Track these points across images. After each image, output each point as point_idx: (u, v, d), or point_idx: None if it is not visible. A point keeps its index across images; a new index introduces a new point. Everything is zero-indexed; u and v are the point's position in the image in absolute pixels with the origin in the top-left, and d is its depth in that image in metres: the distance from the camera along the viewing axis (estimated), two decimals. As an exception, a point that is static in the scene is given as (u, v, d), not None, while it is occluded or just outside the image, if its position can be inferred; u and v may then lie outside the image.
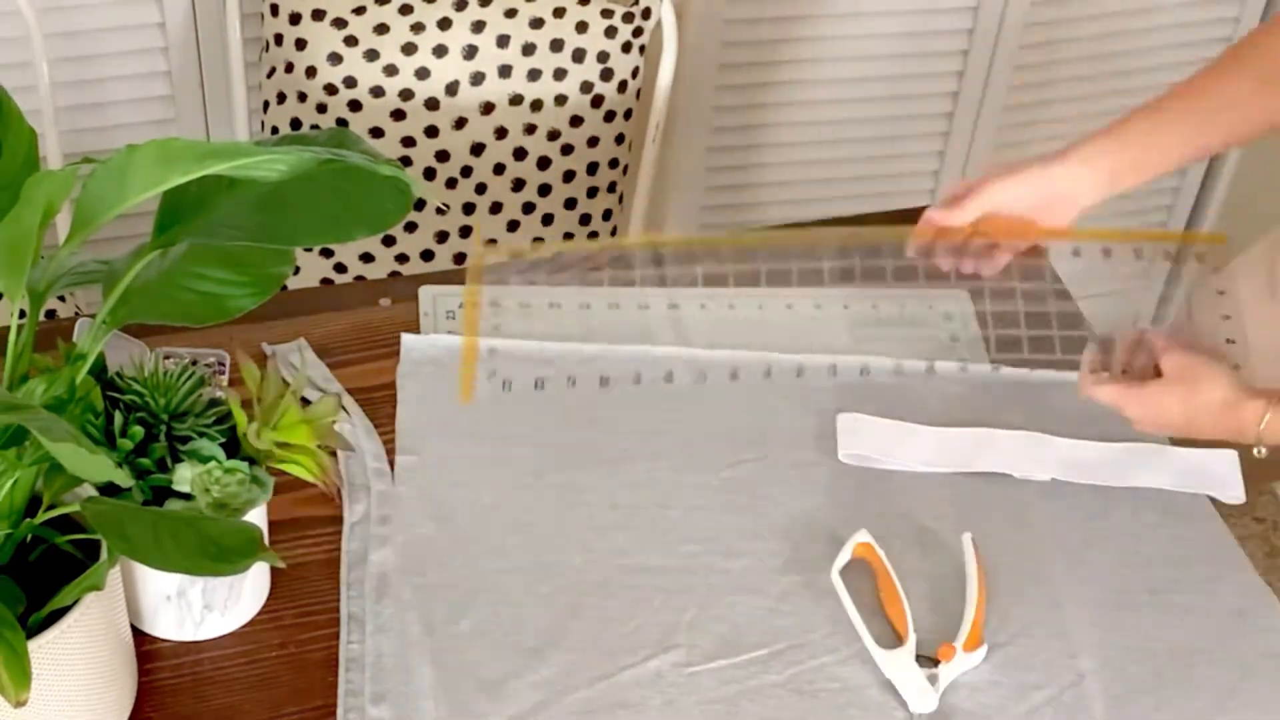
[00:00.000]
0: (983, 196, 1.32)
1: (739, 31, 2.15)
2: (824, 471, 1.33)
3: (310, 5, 1.77)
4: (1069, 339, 1.45)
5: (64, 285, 1.05)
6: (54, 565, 1.04)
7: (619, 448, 1.33)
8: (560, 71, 1.82)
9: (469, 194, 1.86)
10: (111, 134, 2.01)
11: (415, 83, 1.79)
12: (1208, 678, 1.20)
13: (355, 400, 1.35)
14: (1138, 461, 1.35)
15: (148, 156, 0.91)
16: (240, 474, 1.07)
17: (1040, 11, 2.24)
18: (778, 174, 2.32)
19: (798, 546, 1.27)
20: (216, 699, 1.13)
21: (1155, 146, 1.32)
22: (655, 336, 1.44)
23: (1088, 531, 1.31)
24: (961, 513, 1.31)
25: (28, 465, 0.98)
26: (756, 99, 2.23)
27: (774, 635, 1.20)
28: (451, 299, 1.45)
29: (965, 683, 1.18)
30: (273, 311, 1.27)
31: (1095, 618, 1.24)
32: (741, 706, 1.15)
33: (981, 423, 1.38)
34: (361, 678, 1.14)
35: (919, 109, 2.31)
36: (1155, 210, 2.58)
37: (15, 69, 1.82)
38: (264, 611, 1.19)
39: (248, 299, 1.07)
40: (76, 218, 0.94)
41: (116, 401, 1.07)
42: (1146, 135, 1.32)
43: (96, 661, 1.04)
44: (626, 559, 1.25)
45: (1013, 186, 1.32)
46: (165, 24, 1.95)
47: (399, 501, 1.27)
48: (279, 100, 1.83)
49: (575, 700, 1.14)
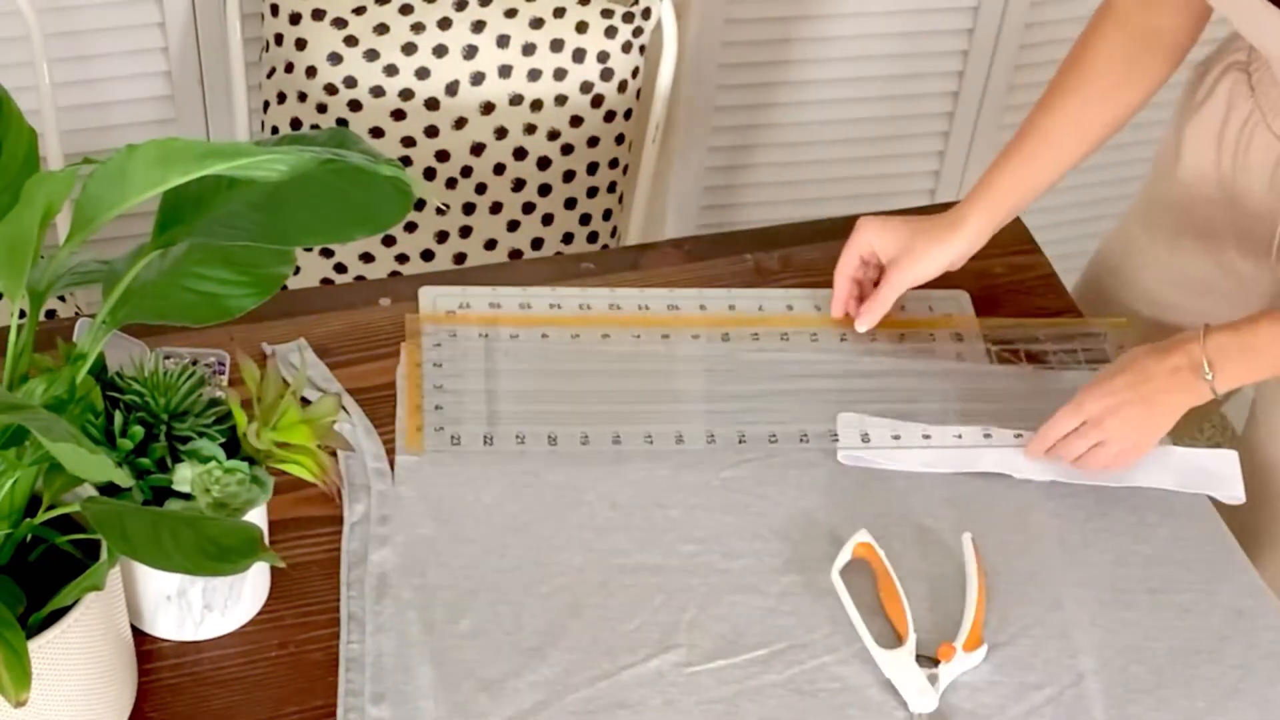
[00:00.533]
0: (895, 286, 1.43)
1: (739, 31, 2.15)
2: (824, 471, 1.33)
3: (310, 5, 1.77)
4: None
5: (64, 285, 1.05)
6: (54, 565, 1.04)
7: (619, 450, 1.33)
8: (560, 71, 1.82)
9: (469, 194, 1.86)
10: (111, 134, 2.01)
11: (415, 83, 1.79)
12: (1208, 678, 1.20)
13: (355, 400, 1.35)
14: (1138, 462, 1.35)
15: (148, 156, 0.91)
16: (240, 474, 1.07)
17: (1040, 11, 2.23)
18: (778, 174, 2.32)
19: (798, 546, 1.27)
20: (216, 699, 1.13)
21: (1027, 188, 1.42)
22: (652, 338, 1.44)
23: (1088, 531, 1.31)
24: (961, 513, 1.31)
25: (28, 465, 0.98)
26: (756, 99, 2.23)
27: (774, 635, 1.20)
28: (451, 299, 1.45)
29: (965, 683, 1.18)
30: (273, 311, 1.27)
31: (1095, 618, 1.24)
32: (741, 706, 1.15)
33: (981, 422, 1.38)
34: (361, 678, 1.14)
35: (919, 109, 2.31)
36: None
37: (15, 69, 1.81)
38: (264, 611, 1.19)
39: (248, 299, 1.07)
40: (76, 218, 0.94)
41: (116, 401, 1.07)
42: (1020, 182, 1.42)
43: (96, 661, 1.04)
44: (626, 559, 1.25)
45: (919, 268, 1.42)
46: (165, 24, 1.95)
47: (399, 501, 1.27)
48: (279, 100, 1.83)
49: (575, 700, 1.14)
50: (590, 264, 1.53)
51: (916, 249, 1.42)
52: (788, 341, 1.44)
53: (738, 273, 1.52)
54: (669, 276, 1.51)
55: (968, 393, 1.41)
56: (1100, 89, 1.40)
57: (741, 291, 1.49)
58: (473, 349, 1.40)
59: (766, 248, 1.55)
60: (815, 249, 1.54)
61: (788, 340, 1.44)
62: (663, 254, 1.56)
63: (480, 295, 1.46)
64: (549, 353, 1.41)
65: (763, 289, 1.50)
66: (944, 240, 1.42)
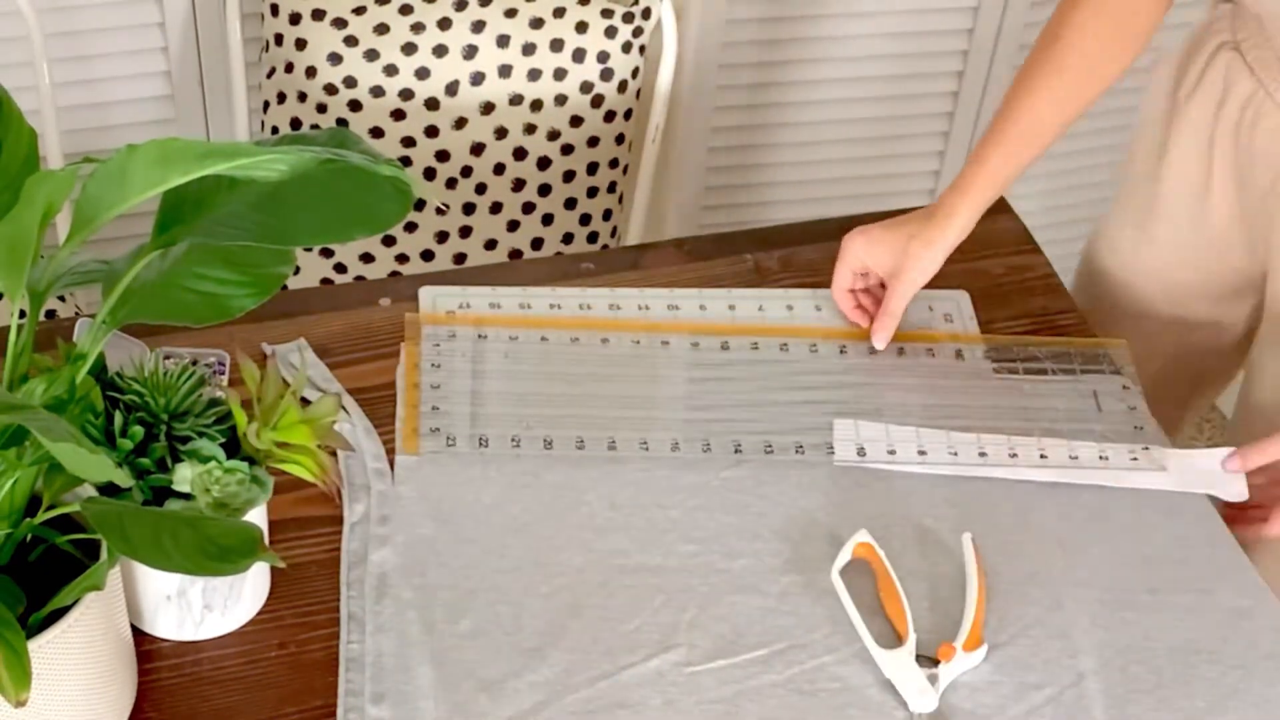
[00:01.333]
0: (901, 297, 1.43)
1: (739, 31, 2.15)
2: (824, 472, 1.33)
3: (310, 5, 1.77)
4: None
5: (64, 285, 1.05)
6: (54, 565, 1.04)
7: (616, 452, 1.33)
8: (560, 71, 1.82)
9: (469, 194, 1.87)
10: (111, 134, 2.01)
11: (415, 83, 1.79)
12: (1208, 678, 1.20)
13: (355, 400, 1.35)
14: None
15: (148, 156, 0.91)
16: (240, 474, 1.07)
17: (1040, 11, 2.23)
18: (778, 174, 2.32)
19: (798, 546, 1.27)
20: (216, 699, 1.13)
21: (1010, 170, 1.43)
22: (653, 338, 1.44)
23: (1088, 531, 1.31)
24: (961, 513, 1.31)
25: (28, 465, 0.98)
26: (756, 99, 2.23)
27: (774, 635, 1.20)
28: (451, 299, 1.45)
29: (965, 682, 1.18)
30: (273, 311, 1.27)
31: (1095, 618, 1.23)
32: (741, 706, 1.15)
33: (981, 422, 1.38)
34: (361, 678, 1.14)
35: (919, 109, 2.31)
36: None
37: (15, 69, 1.82)
38: (264, 611, 1.19)
39: (248, 299, 1.07)
40: (76, 218, 0.94)
41: (116, 401, 1.07)
42: (1003, 164, 1.42)
43: (96, 661, 1.04)
44: (626, 559, 1.25)
45: (919, 274, 1.42)
46: (165, 24, 1.95)
47: (399, 501, 1.27)
48: (279, 100, 1.83)
49: (575, 700, 1.14)
50: (590, 264, 1.53)
51: (911, 255, 1.42)
52: (787, 352, 1.43)
53: (738, 273, 1.52)
54: (669, 276, 1.51)
55: (968, 393, 1.41)
56: (1078, 69, 1.41)
57: (741, 291, 1.49)
58: (472, 350, 1.40)
59: (766, 248, 1.55)
60: (815, 249, 1.54)
61: (787, 350, 1.43)
62: (663, 254, 1.56)
63: (480, 295, 1.46)
64: (547, 356, 1.41)
65: (763, 289, 1.50)
66: (937, 241, 1.42)
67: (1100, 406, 1.40)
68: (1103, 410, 1.40)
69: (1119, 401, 1.41)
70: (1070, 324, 1.50)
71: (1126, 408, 1.40)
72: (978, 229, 1.43)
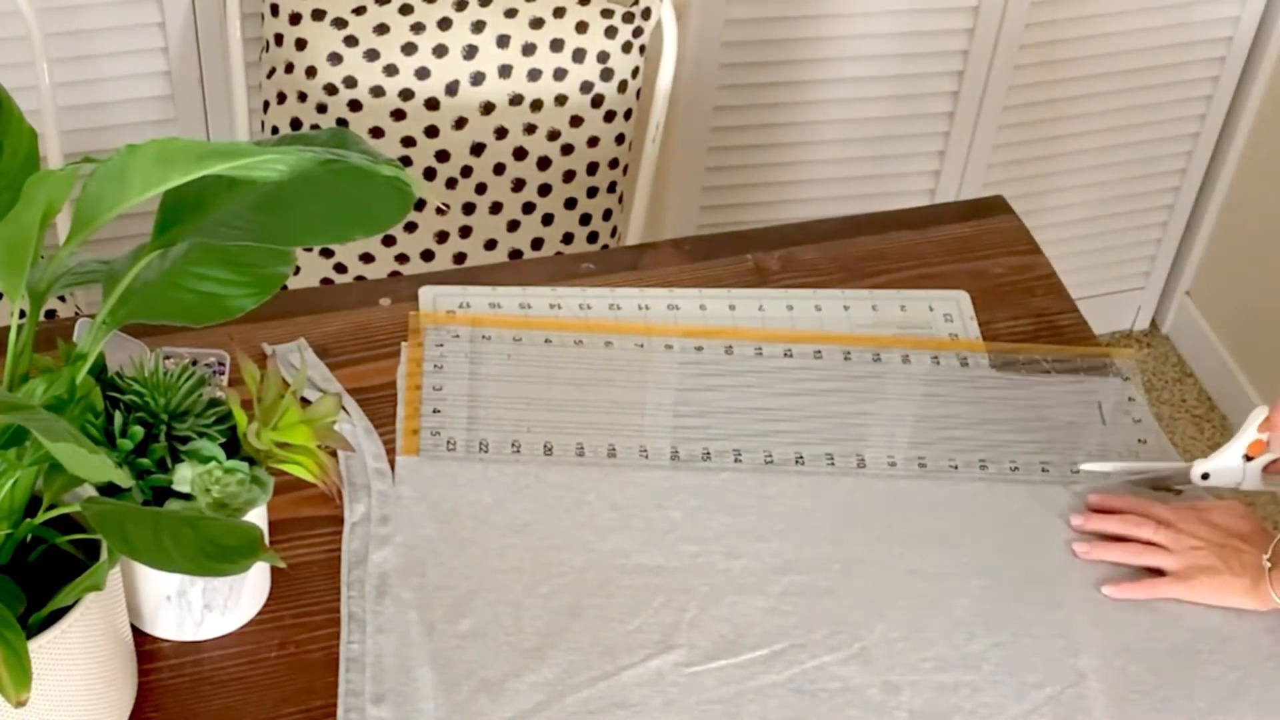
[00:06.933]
0: None
1: (739, 31, 2.15)
2: (824, 472, 1.33)
3: (310, 5, 1.77)
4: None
5: (64, 285, 1.05)
6: (54, 565, 1.04)
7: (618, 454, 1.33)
8: (560, 71, 1.82)
9: (469, 194, 1.86)
10: (111, 134, 2.01)
11: (415, 83, 1.79)
12: (1208, 678, 1.20)
13: (355, 400, 1.35)
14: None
15: (148, 156, 0.91)
16: (240, 474, 1.07)
17: (1040, 11, 2.23)
18: (778, 174, 2.32)
19: (798, 547, 1.27)
20: (216, 699, 1.13)
21: None
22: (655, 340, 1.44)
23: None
24: (962, 512, 1.31)
25: (28, 465, 0.98)
26: (756, 99, 2.23)
27: (774, 635, 1.20)
28: (452, 299, 1.45)
29: (965, 682, 1.18)
30: (273, 311, 1.27)
31: (1095, 618, 1.24)
32: (741, 706, 1.15)
33: (981, 422, 1.38)
34: (361, 678, 1.14)
35: (919, 109, 2.31)
36: (1156, 210, 2.58)
37: (15, 69, 1.81)
38: (264, 611, 1.19)
39: (248, 299, 1.07)
40: (76, 218, 0.94)
41: (116, 401, 1.07)
42: None
43: (96, 661, 1.04)
44: (626, 559, 1.25)
45: None
46: (165, 24, 1.95)
47: (399, 501, 1.27)
48: (279, 100, 1.83)
49: (575, 700, 1.14)
50: (590, 264, 1.53)
51: None
52: (790, 359, 1.43)
53: (738, 273, 1.52)
54: (669, 276, 1.51)
55: (967, 393, 1.41)
56: None
57: (742, 291, 1.49)
58: (472, 352, 1.40)
59: (766, 248, 1.55)
60: (815, 249, 1.54)
61: (790, 357, 1.43)
62: (663, 254, 1.56)
63: (480, 295, 1.46)
64: (549, 358, 1.41)
65: (763, 289, 1.50)
66: None
67: (1105, 419, 1.40)
68: (1107, 423, 1.40)
69: (1124, 414, 1.40)
70: (1070, 324, 1.50)
71: (1132, 420, 1.40)
72: (978, 229, 1.43)
